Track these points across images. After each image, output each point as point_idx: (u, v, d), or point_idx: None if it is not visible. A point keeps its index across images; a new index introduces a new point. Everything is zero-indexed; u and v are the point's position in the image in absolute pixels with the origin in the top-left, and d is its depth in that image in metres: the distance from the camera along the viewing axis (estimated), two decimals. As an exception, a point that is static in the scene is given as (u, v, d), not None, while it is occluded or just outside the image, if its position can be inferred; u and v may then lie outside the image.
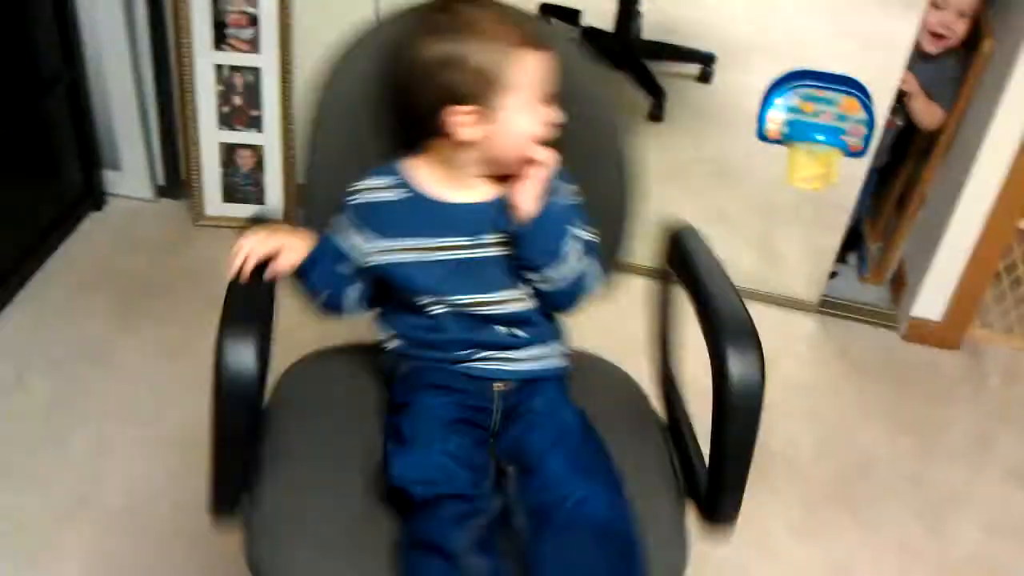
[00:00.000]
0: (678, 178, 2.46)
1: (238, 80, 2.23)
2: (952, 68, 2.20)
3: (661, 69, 2.55)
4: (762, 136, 2.16)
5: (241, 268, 1.11)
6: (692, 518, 1.15)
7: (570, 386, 1.22)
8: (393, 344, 1.20)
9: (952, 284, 2.25)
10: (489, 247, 1.15)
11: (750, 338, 1.02)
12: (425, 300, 1.15)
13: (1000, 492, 2.01)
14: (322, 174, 1.24)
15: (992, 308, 2.39)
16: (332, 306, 1.20)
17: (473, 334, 1.16)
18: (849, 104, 2.09)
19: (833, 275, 2.46)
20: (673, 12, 2.48)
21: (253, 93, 2.24)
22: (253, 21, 2.17)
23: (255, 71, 2.22)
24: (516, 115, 1.10)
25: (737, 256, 2.46)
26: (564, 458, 1.08)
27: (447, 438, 1.08)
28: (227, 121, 2.27)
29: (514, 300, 1.16)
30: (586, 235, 1.17)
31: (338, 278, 1.18)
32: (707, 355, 1.04)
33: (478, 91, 1.08)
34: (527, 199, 1.12)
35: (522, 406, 1.15)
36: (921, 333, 2.32)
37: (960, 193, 2.15)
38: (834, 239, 2.33)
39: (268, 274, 1.13)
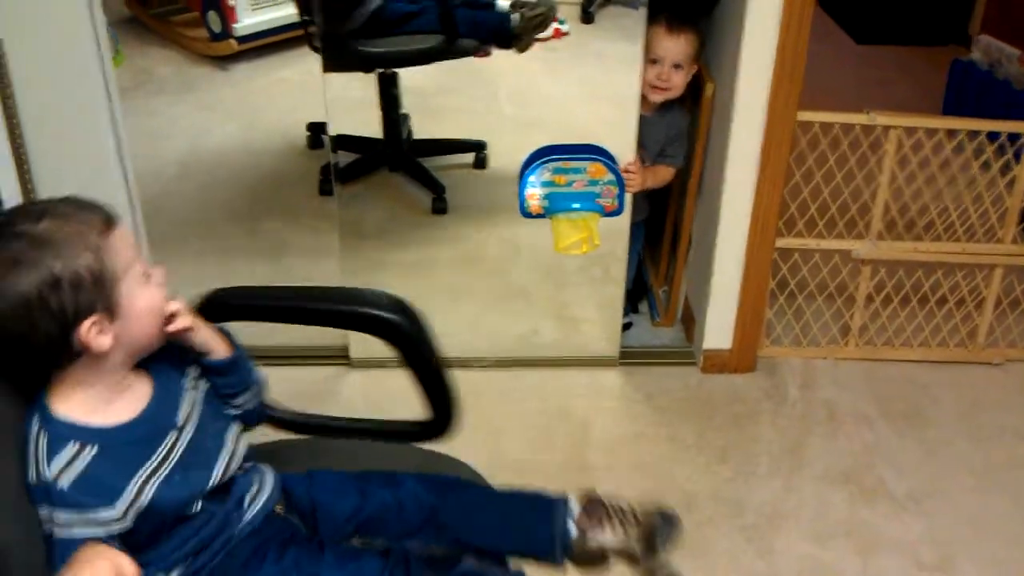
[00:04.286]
0: (472, 264, 2.51)
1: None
2: (680, 121, 2.33)
3: (437, 163, 2.62)
4: (526, 213, 2.23)
5: None
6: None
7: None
8: None
9: (732, 311, 2.37)
10: (193, 413, 1.16)
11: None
12: (187, 509, 1.12)
13: (818, 498, 2.11)
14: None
15: (776, 324, 2.54)
16: None
17: (232, 495, 1.16)
18: (596, 169, 2.19)
19: (629, 326, 2.56)
20: (437, 105, 2.56)
21: None
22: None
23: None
24: (135, 298, 1.08)
25: (538, 326, 2.53)
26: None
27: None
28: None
29: (235, 437, 1.20)
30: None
31: None
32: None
33: (94, 298, 1.04)
34: (213, 342, 1.18)
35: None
36: (717, 363, 2.43)
37: (717, 226, 2.29)
38: (619, 291, 2.43)
39: None
